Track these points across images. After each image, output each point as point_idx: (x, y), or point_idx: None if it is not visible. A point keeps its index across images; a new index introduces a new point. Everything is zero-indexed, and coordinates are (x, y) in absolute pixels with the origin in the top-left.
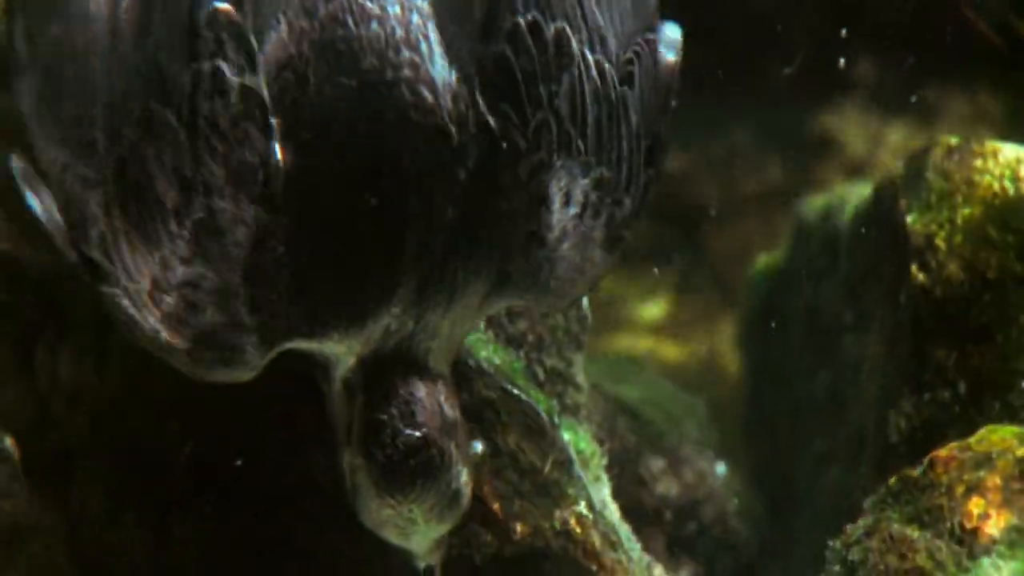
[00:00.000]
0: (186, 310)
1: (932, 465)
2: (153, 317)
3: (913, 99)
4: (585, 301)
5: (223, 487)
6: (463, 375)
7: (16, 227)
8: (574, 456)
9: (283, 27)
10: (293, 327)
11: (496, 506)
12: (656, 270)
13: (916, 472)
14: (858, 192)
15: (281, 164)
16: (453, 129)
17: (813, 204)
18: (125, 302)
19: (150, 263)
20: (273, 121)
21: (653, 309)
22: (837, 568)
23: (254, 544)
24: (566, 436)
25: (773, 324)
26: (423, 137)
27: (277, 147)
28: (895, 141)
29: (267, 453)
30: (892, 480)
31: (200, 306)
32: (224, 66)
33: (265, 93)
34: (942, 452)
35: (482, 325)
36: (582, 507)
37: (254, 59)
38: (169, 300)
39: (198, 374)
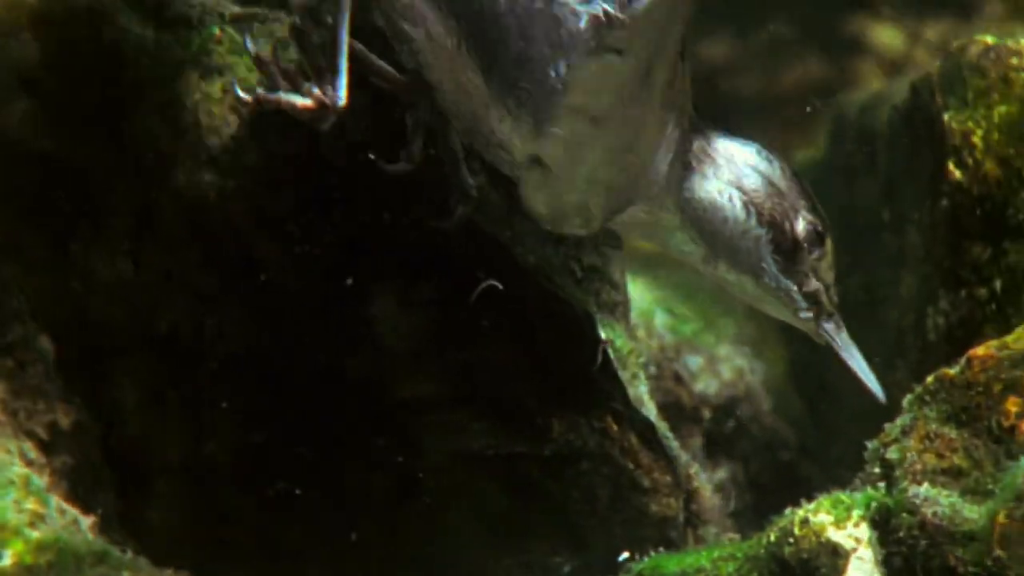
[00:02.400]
0: None
1: (969, 364)
2: None
3: None
4: None
5: (258, 382)
6: (499, 273)
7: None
8: (611, 353)
9: None
10: None
11: (534, 405)
12: None
13: (953, 371)
14: (896, 90)
15: None
16: None
17: (851, 101)
18: None
19: None
20: None
21: None
22: (875, 467)
23: (285, 442)
24: (603, 334)
25: None
26: None
27: None
28: (932, 39)
29: (303, 349)
30: (929, 379)
31: None
32: None
33: None
34: (979, 351)
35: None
36: (619, 405)
37: None
38: None
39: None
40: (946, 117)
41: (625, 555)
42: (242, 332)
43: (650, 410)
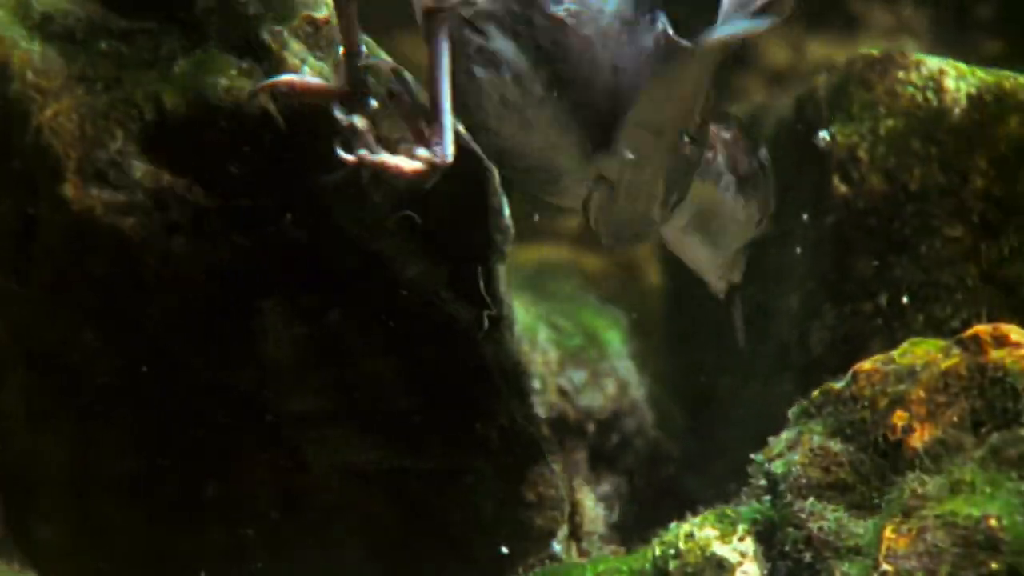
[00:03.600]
0: None
1: (855, 378)
2: None
3: None
4: (507, 211)
5: (144, 397)
6: (383, 288)
7: None
8: (497, 368)
9: None
10: None
11: (417, 420)
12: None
13: (839, 385)
14: (781, 104)
15: None
16: None
17: (735, 115)
18: None
19: None
20: None
21: (574, 219)
22: (760, 481)
23: (172, 454)
24: (488, 347)
25: None
26: None
27: None
28: (817, 52)
29: (189, 364)
30: (815, 393)
31: None
32: None
33: None
34: (865, 365)
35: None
36: (502, 419)
37: None
38: None
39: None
40: (832, 131)
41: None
42: (128, 347)
43: (535, 424)
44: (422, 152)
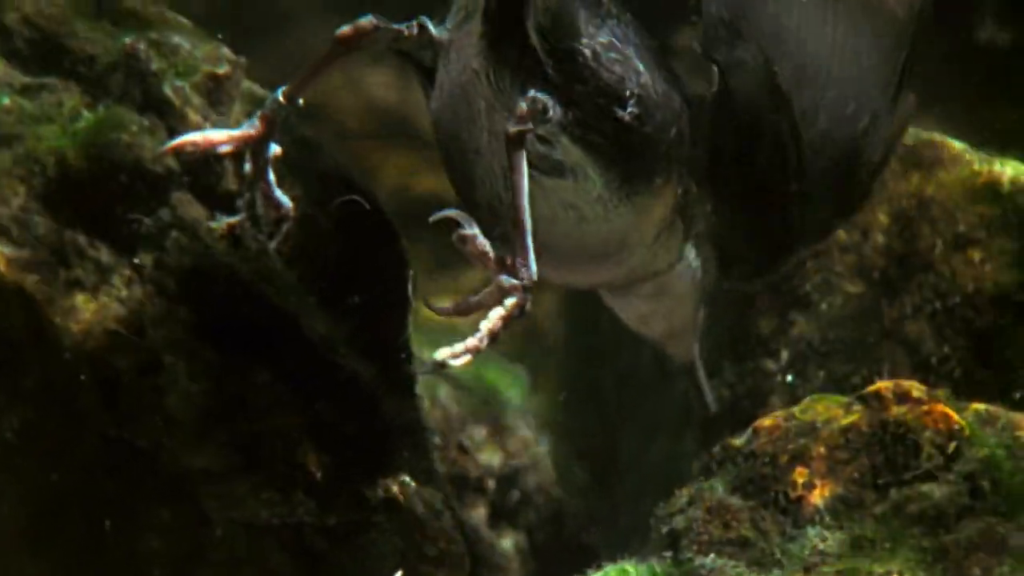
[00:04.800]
0: None
1: (756, 434)
2: None
3: None
4: (410, 268)
5: (48, 451)
6: (285, 345)
7: None
8: (398, 425)
9: None
10: None
11: (319, 475)
12: None
13: (740, 441)
14: None
15: None
16: None
17: None
18: None
19: None
20: None
21: (475, 276)
22: (661, 537)
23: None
24: (389, 405)
25: (596, 293)
26: None
27: None
28: None
29: (91, 419)
30: (716, 449)
31: None
32: None
33: None
34: (766, 421)
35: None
36: (405, 476)
37: None
38: None
39: None
40: None
41: None
42: (32, 402)
43: (436, 480)
44: (510, 282)
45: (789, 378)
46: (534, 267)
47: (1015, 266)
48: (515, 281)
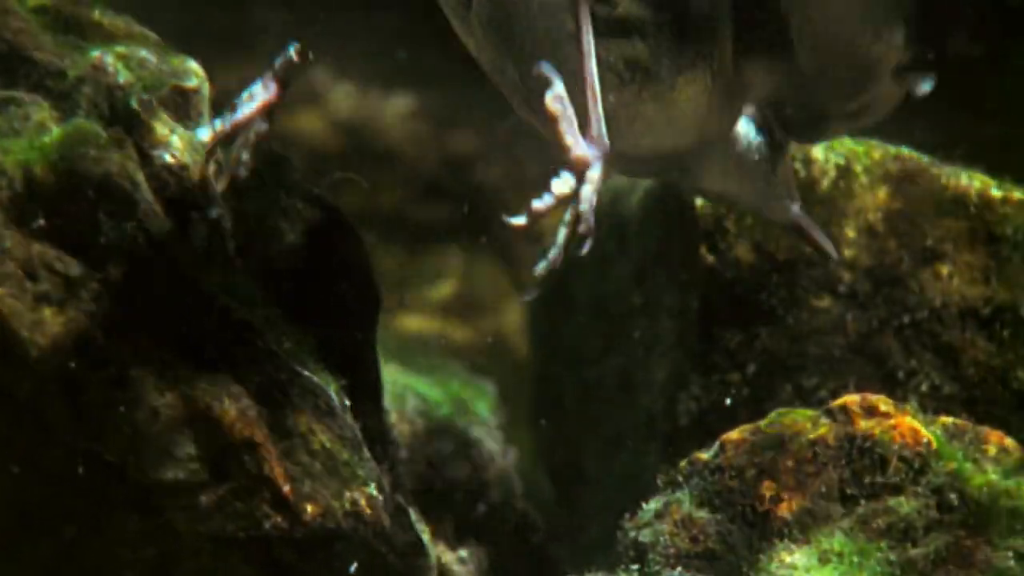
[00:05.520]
0: None
1: (723, 448)
2: None
3: None
4: (376, 280)
5: (17, 460)
6: (252, 357)
7: None
8: (364, 438)
9: None
10: None
11: (287, 488)
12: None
13: (707, 455)
14: None
15: None
16: None
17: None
18: None
19: None
20: None
21: (441, 289)
22: (628, 550)
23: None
24: (357, 417)
25: (561, 307)
26: None
27: None
28: None
29: (61, 432)
30: (682, 463)
31: None
32: None
33: None
34: (733, 435)
35: (273, 306)
36: (372, 488)
37: None
38: None
39: None
40: (698, 202)
41: None
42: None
43: (403, 493)
44: (588, 152)
45: (756, 392)
46: (606, 139)
47: (982, 280)
48: (592, 151)
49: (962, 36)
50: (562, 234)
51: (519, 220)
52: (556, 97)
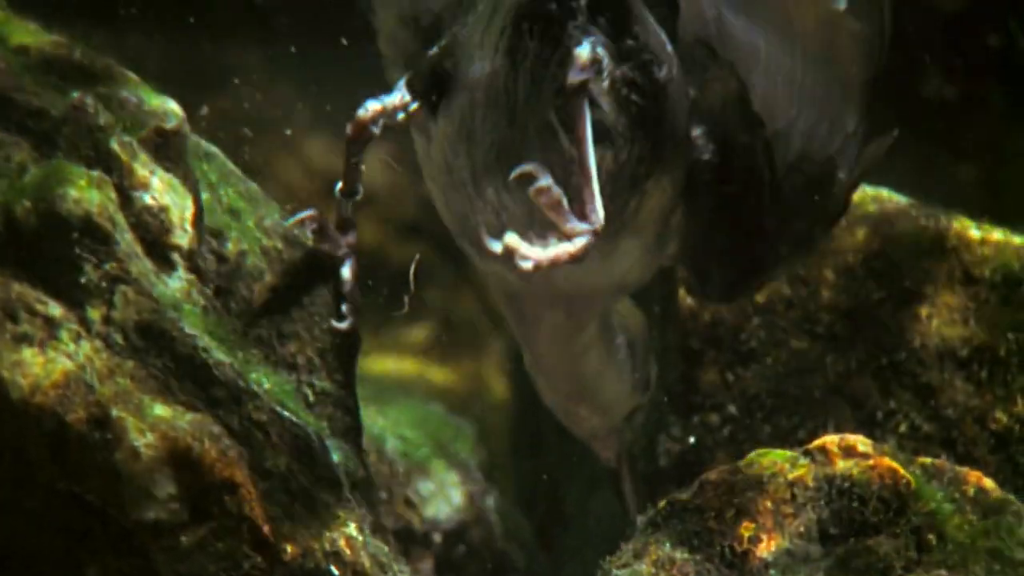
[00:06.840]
0: None
1: (702, 488)
2: None
3: None
4: (356, 323)
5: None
6: (233, 397)
7: None
8: (344, 478)
9: None
10: None
11: (267, 528)
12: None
13: (686, 495)
14: None
15: None
16: None
17: None
18: None
19: None
20: None
21: (420, 332)
22: None
23: (28, 557)
24: (336, 458)
25: None
26: None
27: None
28: None
29: (41, 473)
30: (662, 503)
31: None
32: None
33: None
34: (712, 475)
35: (252, 347)
36: (352, 529)
37: None
38: None
39: None
40: None
41: None
42: None
43: (384, 533)
44: (579, 226)
45: (735, 433)
46: (600, 212)
47: (961, 321)
48: (585, 226)
49: (936, 79)
50: (550, 253)
51: (526, 264)
52: (542, 190)
